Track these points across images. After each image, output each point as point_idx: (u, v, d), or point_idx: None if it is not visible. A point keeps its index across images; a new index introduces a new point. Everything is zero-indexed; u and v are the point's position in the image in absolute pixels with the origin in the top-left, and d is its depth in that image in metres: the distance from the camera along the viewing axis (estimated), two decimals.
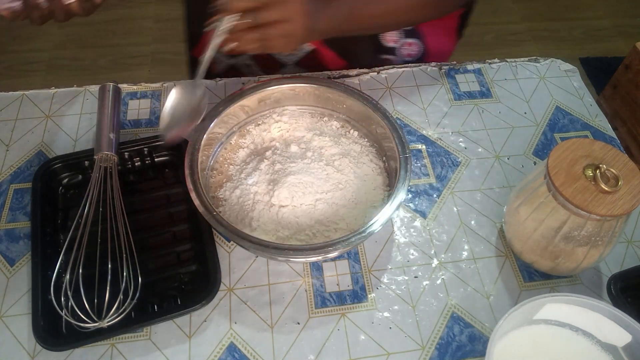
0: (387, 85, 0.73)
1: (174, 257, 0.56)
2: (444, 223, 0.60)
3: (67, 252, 0.52)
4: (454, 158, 0.66)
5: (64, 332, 0.50)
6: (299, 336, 0.52)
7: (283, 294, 0.54)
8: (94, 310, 0.50)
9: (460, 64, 0.76)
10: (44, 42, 1.89)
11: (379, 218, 0.51)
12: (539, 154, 0.66)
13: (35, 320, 0.49)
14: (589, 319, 0.47)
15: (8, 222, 0.58)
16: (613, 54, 1.97)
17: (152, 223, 0.58)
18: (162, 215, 0.59)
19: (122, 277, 0.51)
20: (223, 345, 0.51)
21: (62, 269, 0.52)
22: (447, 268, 0.57)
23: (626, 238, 0.60)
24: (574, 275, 0.57)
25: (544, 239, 0.52)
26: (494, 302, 0.55)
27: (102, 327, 0.48)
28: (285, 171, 0.57)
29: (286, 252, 0.49)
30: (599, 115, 0.71)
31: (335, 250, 0.49)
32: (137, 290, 0.51)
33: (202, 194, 0.52)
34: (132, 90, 0.71)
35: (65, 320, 0.50)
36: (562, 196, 0.47)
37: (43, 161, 0.62)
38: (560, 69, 0.76)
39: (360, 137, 0.63)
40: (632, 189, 0.47)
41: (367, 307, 0.54)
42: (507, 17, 2.16)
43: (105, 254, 0.53)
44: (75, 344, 0.49)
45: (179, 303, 0.53)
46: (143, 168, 0.62)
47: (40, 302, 0.50)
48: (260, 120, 0.64)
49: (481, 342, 0.52)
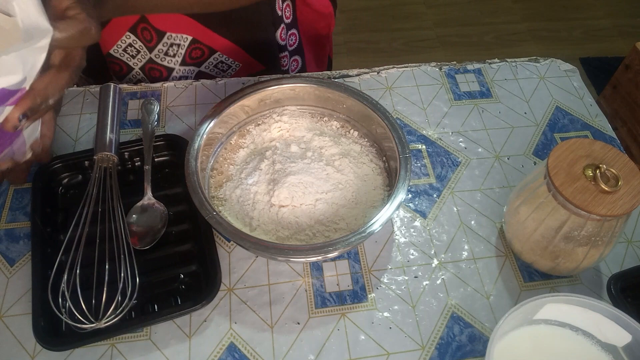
0: (387, 85, 0.73)
1: (174, 257, 0.56)
2: (444, 223, 0.60)
3: (66, 253, 0.52)
4: (454, 158, 0.66)
5: (64, 332, 0.50)
6: (299, 336, 0.52)
7: (283, 294, 0.54)
8: (92, 310, 0.50)
9: (460, 64, 0.76)
10: None
11: (379, 218, 0.51)
12: (539, 154, 0.66)
13: (35, 320, 0.49)
14: (589, 319, 0.47)
15: (8, 222, 0.58)
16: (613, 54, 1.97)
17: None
18: None
19: (120, 278, 0.51)
20: (223, 345, 0.51)
21: (60, 270, 0.52)
22: (447, 268, 0.57)
23: (626, 238, 0.60)
24: (574, 275, 0.57)
25: (544, 239, 0.52)
26: (494, 302, 0.55)
27: (99, 327, 0.48)
28: (285, 171, 0.57)
29: (286, 252, 0.49)
30: (599, 115, 0.71)
31: (335, 250, 0.49)
32: (135, 291, 0.51)
33: (202, 194, 0.52)
34: (132, 90, 0.71)
35: (65, 320, 0.50)
36: (562, 196, 0.47)
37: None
38: (560, 69, 0.76)
39: (360, 137, 0.63)
40: (632, 189, 0.47)
41: (367, 307, 0.54)
42: (507, 17, 2.16)
43: (104, 255, 0.53)
44: (75, 344, 0.49)
45: (179, 303, 0.53)
46: (143, 168, 0.62)
47: (41, 302, 0.50)
48: (260, 120, 0.64)
49: (481, 342, 0.52)
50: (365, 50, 2.04)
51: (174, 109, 0.69)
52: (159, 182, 0.61)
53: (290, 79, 0.62)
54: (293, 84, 0.62)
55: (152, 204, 0.58)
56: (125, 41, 0.72)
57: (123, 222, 0.54)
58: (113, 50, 0.73)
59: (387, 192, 0.58)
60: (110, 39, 0.72)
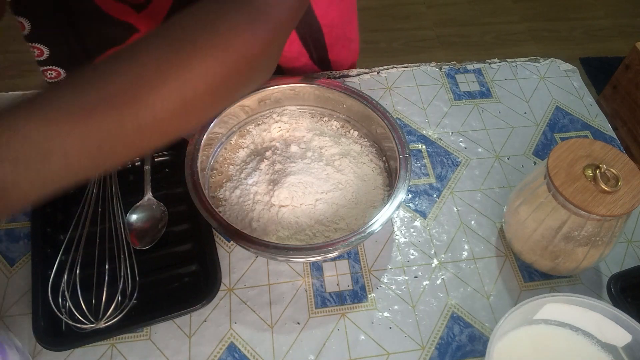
0: (387, 85, 0.73)
1: (174, 257, 0.56)
2: (444, 223, 0.60)
3: (66, 253, 0.52)
4: (454, 158, 0.66)
5: (64, 332, 0.50)
6: (299, 336, 0.52)
7: (283, 294, 0.54)
8: (92, 310, 0.50)
9: (460, 64, 0.76)
10: None
11: (379, 218, 0.51)
12: (539, 154, 0.66)
13: (35, 321, 0.49)
14: (589, 319, 0.47)
15: (8, 222, 0.58)
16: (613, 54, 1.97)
17: None
18: None
19: (120, 278, 0.51)
20: (223, 345, 0.51)
21: (61, 270, 0.52)
22: (447, 268, 0.57)
23: (626, 238, 0.60)
24: (574, 275, 0.57)
25: (544, 239, 0.52)
26: (494, 302, 0.55)
27: (99, 327, 0.48)
28: (285, 171, 0.57)
29: (286, 252, 0.49)
30: (599, 115, 0.71)
31: (335, 250, 0.49)
32: (135, 291, 0.51)
33: (202, 194, 0.52)
34: None
35: (65, 320, 0.50)
36: (562, 196, 0.47)
37: None
38: (560, 69, 0.76)
39: (360, 137, 0.63)
40: (632, 189, 0.47)
41: (367, 307, 0.54)
42: (507, 17, 2.16)
43: (104, 254, 0.53)
44: (75, 344, 0.49)
45: (179, 303, 0.53)
46: (143, 168, 0.62)
47: (41, 302, 0.50)
48: (260, 120, 0.64)
49: (481, 342, 0.52)
50: (365, 50, 2.04)
51: None
52: (159, 182, 0.61)
53: (290, 79, 0.62)
54: (293, 84, 0.62)
55: (152, 204, 0.58)
56: None
57: (123, 221, 0.54)
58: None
59: (387, 192, 0.58)
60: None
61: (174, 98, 0.34)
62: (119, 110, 0.32)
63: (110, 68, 0.33)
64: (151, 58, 0.33)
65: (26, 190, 0.30)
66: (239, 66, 0.37)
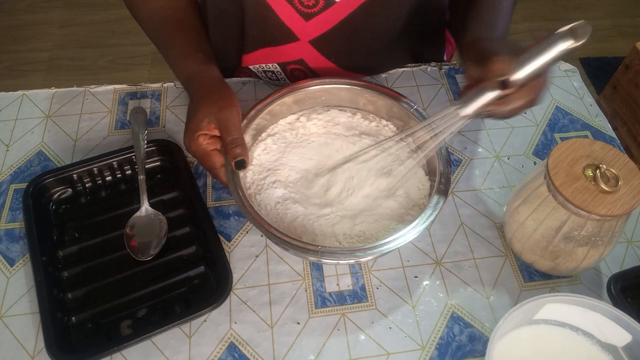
0: (387, 85, 0.73)
1: (179, 261, 0.56)
2: (444, 223, 0.60)
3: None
4: (454, 158, 0.66)
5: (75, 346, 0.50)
6: (299, 336, 0.52)
7: (283, 294, 0.54)
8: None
9: (461, 64, 0.76)
10: (44, 42, 1.89)
11: (410, 230, 0.50)
12: (539, 154, 0.66)
13: (46, 335, 0.48)
14: (589, 319, 0.47)
15: (8, 222, 0.58)
16: (613, 54, 1.97)
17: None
18: None
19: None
20: (223, 345, 0.51)
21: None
22: (447, 268, 0.57)
23: (626, 238, 0.60)
24: (574, 275, 0.57)
25: (544, 239, 0.52)
26: (494, 302, 0.55)
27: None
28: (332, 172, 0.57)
29: (322, 252, 0.49)
30: (599, 115, 0.71)
31: (369, 255, 0.50)
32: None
33: (242, 195, 0.52)
34: (132, 90, 0.71)
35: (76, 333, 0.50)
36: (562, 196, 0.47)
37: (42, 162, 0.62)
38: (560, 69, 0.76)
39: (399, 138, 0.61)
40: (632, 189, 0.47)
41: (367, 307, 0.54)
42: None
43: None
44: (87, 358, 0.48)
45: (190, 306, 0.53)
46: (133, 176, 0.61)
47: (51, 319, 0.49)
48: (297, 121, 0.63)
49: (481, 342, 0.52)
50: None
51: (174, 109, 0.69)
52: (153, 189, 0.60)
53: (327, 80, 0.62)
54: (329, 85, 0.61)
55: (150, 214, 0.57)
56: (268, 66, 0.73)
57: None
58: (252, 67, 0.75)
59: (430, 183, 0.57)
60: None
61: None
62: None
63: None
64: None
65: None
66: None
